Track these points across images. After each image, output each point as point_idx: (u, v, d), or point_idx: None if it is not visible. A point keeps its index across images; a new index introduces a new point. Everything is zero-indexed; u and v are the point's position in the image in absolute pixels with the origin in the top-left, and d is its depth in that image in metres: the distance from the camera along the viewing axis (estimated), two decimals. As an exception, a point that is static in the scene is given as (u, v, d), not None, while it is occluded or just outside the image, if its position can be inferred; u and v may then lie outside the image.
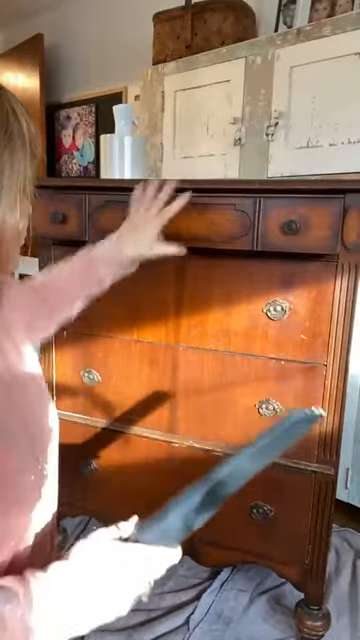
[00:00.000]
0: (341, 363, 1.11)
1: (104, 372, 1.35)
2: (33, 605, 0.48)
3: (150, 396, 1.31)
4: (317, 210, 1.03)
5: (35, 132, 0.55)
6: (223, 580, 1.49)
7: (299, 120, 1.78)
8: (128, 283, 1.29)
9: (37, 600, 0.48)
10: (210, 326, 1.21)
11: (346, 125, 1.68)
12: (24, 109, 0.54)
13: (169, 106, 2.17)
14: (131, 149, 1.43)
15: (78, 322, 1.36)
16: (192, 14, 2.07)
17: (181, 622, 1.35)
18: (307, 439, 1.17)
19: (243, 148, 1.94)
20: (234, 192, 1.09)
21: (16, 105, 0.53)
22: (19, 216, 0.53)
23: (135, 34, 2.74)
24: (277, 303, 1.14)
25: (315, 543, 1.20)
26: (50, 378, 1.42)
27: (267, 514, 1.23)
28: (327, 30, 1.67)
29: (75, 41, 3.17)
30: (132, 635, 1.29)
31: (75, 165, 3.31)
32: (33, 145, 0.54)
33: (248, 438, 1.18)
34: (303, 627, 1.26)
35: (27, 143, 0.53)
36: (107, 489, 1.42)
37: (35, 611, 0.48)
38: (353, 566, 1.58)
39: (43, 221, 1.27)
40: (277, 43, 1.79)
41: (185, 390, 1.27)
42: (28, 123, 0.54)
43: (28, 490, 0.57)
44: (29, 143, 0.54)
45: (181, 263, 1.22)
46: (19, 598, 0.48)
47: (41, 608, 0.48)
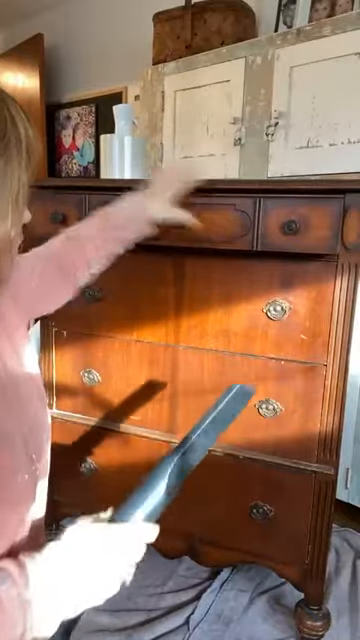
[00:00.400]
0: (341, 363, 1.11)
1: (104, 372, 1.35)
2: (29, 583, 0.49)
3: (150, 396, 1.31)
4: (317, 210, 1.03)
5: (34, 136, 0.55)
6: (223, 580, 1.49)
7: (299, 120, 1.78)
8: (128, 283, 1.30)
9: (33, 577, 0.50)
10: (210, 326, 1.21)
11: (346, 125, 1.68)
12: (24, 113, 0.54)
13: (169, 106, 2.17)
14: (131, 149, 1.43)
15: (78, 322, 1.37)
16: (192, 14, 2.07)
17: (181, 622, 1.35)
18: (307, 439, 1.17)
19: (243, 148, 1.94)
20: (234, 192, 1.09)
21: (15, 110, 0.53)
22: (10, 225, 0.53)
23: (135, 34, 2.74)
24: (277, 303, 1.14)
25: (315, 543, 1.20)
26: (50, 378, 1.42)
27: (267, 514, 1.23)
28: (327, 30, 1.67)
29: (75, 41, 3.17)
30: (132, 635, 1.29)
31: (75, 165, 3.31)
32: (30, 151, 0.54)
33: (248, 438, 1.17)
34: (303, 627, 1.26)
35: (23, 151, 0.53)
36: (107, 489, 1.42)
37: (31, 588, 0.49)
38: (353, 566, 1.58)
39: (43, 221, 1.27)
40: (277, 43, 1.79)
41: (185, 390, 1.27)
42: (27, 129, 0.54)
43: (22, 490, 0.58)
44: (26, 150, 0.53)
45: (181, 263, 1.22)
46: (14, 577, 0.49)
47: (38, 585, 0.50)
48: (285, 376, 1.16)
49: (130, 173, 1.44)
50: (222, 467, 1.25)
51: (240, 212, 1.08)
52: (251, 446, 1.22)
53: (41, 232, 1.29)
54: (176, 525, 1.34)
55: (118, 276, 1.29)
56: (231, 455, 1.24)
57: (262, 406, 1.19)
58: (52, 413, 1.44)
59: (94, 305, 1.33)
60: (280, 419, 1.18)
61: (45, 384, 1.46)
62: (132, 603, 1.41)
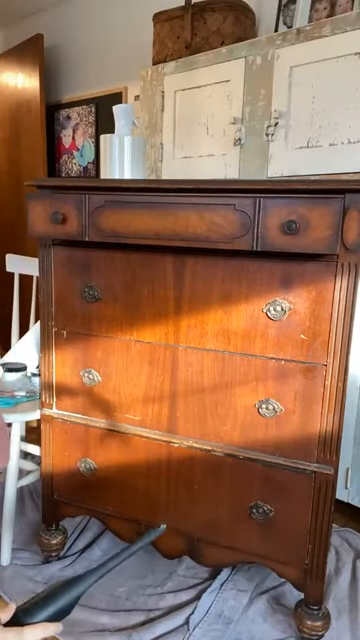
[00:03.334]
0: (341, 363, 1.11)
1: (104, 372, 1.35)
2: None
3: (150, 396, 1.31)
4: (317, 210, 1.03)
5: None
6: (223, 580, 1.49)
7: (299, 120, 1.78)
8: (128, 283, 1.30)
9: None
10: (210, 326, 1.21)
11: (346, 125, 1.68)
12: None
13: (169, 106, 2.17)
14: (131, 149, 1.43)
15: (78, 322, 1.37)
16: (192, 14, 2.07)
17: (181, 622, 1.35)
18: (307, 439, 1.17)
19: (243, 148, 1.94)
20: (234, 192, 1.09)
21: None
22: None
23: (135, 34, 2.74)
24: (277, 303, 1.14)
25: (315, 543, 1.20)
26: (50, 378, 1.42)
27: (267, 514, 1.23)
28: (327, 30, 1.67)
29: (75, 41, 3.17)
30: (132, 635, 1.29)
31: (75, 165, 3.31)
32: None
33: (248, 438, 1.18)
34: (303, 627, 1.26)
35: None
36: (107, 489, 1.42)
37: None
38: (353, 566, 1.58)
39: (43, 221, 1.27)
40: (277, 43, 1.79)
41: (185, 390, 1.27)
42: None
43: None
44: None
45: (181, 263, 1.22)
46: None
47: None
48: (285, 376, 1.16)
49: (130, 173, 1.44)
50: (222, 467, 1.26)
51: (240, 212, 1.08)
52: (251, 446, 1.22)
53: (41, 232, 1.29)
54: (176, 525, 1.34)
55: (118, 276, 1.29)
56: (231, 455, 1.24)
57: (262, 406, 1.19)
58: (52, 413, 1.44)
59: (94, 305, 1.33)
60: (280, 419, 1.18)
61: (45, 384, 1.47)
62: (132, 603, 1.41)
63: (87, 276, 1.32)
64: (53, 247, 1.35)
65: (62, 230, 1.26)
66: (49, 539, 1.53)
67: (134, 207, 1.18)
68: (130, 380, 1.32)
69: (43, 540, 1.53)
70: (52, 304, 1.38)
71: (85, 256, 1.31)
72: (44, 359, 1.42)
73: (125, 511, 1.40)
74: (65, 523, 1.58)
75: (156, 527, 0.76)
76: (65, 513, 1.50)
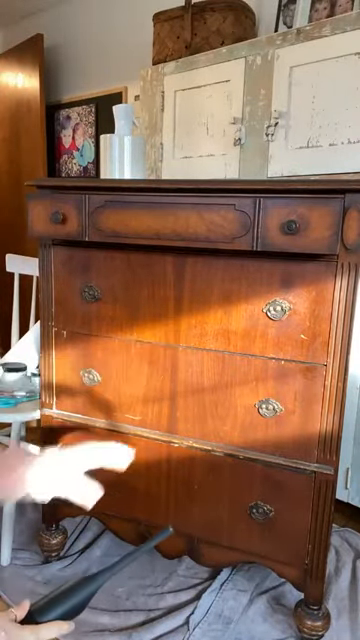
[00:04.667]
0: (341, 363, 1.11)
1: (104, 372, 1.35)
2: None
3: (150, 396, 1.31)
4: (317, 210, 1.03)
5: None
6: (223, 580, 1.49)
7: (299, 120, 1.78)
8: (128, 283, 1.30)
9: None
10: (210, 326, 1.21)
11: (346, 125, 1.68)
12: None
13: (169, 106, 2.17)
14: (131, 149, 1.43)
15: (78, 322, 1.37)
16: (192, 14, 2.07)
17: (181, 622, 1.35)
18: (307, 439, 1.17)
19: (243, 148, 1.94)
20: (234, 192, 1.09)
21: None
22: None
23: (135, 34, 2.74)
24: (277, 303, 1.14)
25: (315, 543, 1.20)
26: (50, 378, 1.42)
27: (267, 514, 1.23)
28: (327, 30, 1.67)
29: (75, 41, 3.17)
30: (132, 635, 1.29)
31: (75, 165, 3.31)
32: None
33: (248, 438, 1.18)
34: (303, 627, 1.26)
35: None
36: (106, 489, 1.41)
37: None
38: (353, 566, 1.58)
39: (43, 221, 1.27)
40: (277, 43, 1.79)
41: (185, 390, 1.27)
42: None
43: None
44: None
45: (181, 263, 1.22)
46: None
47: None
48: (285, 376, 1.16)
49: (130, 173, 1.44)
50: (222, 467, 1.26)
51: (240, 212, 1.08)
52: (251, 446, 1.22)
53: (41, 232, 1.29)
54: (176, 525, 1.34)
55: (118, 276, 1.29)
56: (231, 455, 1.24)
57: (262, 406, 1.19)
58: (52, 413, 1.44)
59: (94, 305, 1.33)
60: (280, 419, 1.18)
61: (45, 384, 1.46)
62: (132, 603, 1.41)
63: (87, 276, 1.32)
64: (53, 247, 1.35)
65: (62, 230, 1.26)
66: (49, 539, 1.53)
67: (134, 207, 1.18)
68: (130, 380, 1.32)
69: (43, 540, 1.53)
70: (52, 304, 1.38)
71: (85, 256, 1.31)
72: (44, 359, 1.42)
73: (125, 511, 1.40)
74: (65, 523, 1.58)
75: (165, 528, 0.77)
76: (65, 513, 1.50)
